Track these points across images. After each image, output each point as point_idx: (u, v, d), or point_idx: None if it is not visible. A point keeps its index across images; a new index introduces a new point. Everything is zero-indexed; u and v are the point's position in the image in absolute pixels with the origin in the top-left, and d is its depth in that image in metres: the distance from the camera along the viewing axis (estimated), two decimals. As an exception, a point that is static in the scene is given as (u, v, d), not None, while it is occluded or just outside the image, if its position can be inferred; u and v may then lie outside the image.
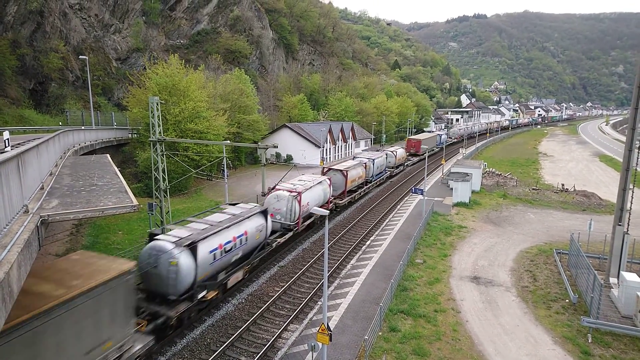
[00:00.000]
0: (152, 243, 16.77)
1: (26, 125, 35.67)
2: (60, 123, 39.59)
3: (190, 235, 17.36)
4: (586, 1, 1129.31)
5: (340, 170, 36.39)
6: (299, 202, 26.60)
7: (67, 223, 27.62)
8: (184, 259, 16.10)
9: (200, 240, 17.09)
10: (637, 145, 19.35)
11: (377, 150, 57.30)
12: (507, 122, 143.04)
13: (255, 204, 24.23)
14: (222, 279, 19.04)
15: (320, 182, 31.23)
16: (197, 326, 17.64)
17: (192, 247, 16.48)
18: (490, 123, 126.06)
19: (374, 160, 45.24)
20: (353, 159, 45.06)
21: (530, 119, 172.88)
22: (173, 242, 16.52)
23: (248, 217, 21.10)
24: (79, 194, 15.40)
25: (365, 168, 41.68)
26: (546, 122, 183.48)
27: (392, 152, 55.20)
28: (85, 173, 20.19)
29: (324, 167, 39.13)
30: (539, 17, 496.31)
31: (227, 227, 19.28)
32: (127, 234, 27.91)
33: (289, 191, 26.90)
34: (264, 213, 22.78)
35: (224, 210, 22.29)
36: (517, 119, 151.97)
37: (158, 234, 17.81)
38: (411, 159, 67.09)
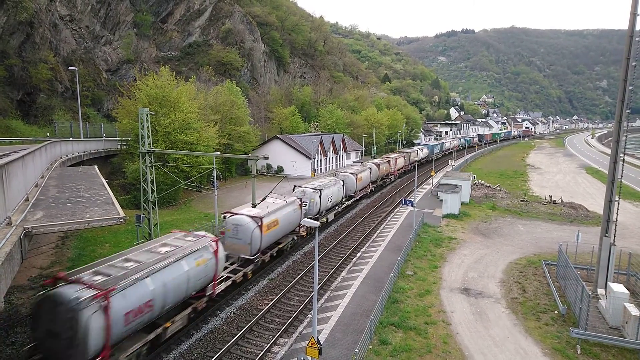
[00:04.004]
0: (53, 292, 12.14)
1: (13, 136, 35.19)
2: (48, 134, 39.16)
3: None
4: (570, 17, 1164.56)
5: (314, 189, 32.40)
6: (261, 228, 22.81)
7: (52, 235, 27.09)
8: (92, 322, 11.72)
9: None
10: (622, 158, 19.72)
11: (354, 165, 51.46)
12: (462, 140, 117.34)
13: (205, 234, 18.95)
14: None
15: (291, 202, 27.69)
16: (185, 340, 17.30)
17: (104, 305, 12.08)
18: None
19: (320, 191, 32.80)
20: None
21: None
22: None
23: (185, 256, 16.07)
24: (64, 205, 15.18)
25: (300, 208, 28.86)
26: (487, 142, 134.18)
27: (355, 174, 42.28)
28: (72, 184, 19.94)
29: (294, 186, 34.11)
30: (526, 33, 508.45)
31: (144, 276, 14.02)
32: (114, 246, 27.45)
33: (251, 217, 22.95)
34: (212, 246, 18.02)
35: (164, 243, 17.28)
36: (470, 139, 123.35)
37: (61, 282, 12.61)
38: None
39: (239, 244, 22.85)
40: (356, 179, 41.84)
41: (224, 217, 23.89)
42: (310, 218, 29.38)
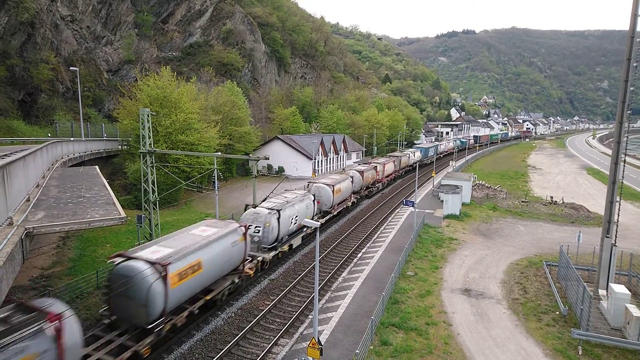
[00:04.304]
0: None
1: (14, 137, 35.23)
2: (49, 134, 39.18)
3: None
4: (571, 18, 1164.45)
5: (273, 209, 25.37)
6: (166, 280, 15.34)
7: (53, 235, 27.12)
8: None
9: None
10: (623, 159, 19.70)
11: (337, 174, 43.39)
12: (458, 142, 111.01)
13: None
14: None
15: (229, 232, 20.11)
16: (186, 341, 17.30)
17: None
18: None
19: (279, 211, 25.21)
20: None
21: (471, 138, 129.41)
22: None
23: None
24: (65, 206, 15.18)
25: (245, 238, 20.72)
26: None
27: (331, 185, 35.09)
28: (73, 185, 19.95)
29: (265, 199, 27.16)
30: (527, 33, 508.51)
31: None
32: (115, 246, 27.44)
33: (151, 262, 15.03)
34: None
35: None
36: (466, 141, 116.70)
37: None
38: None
39: (130, 307, 14.76)
40: (333, 191, 34.57)
41: (114, 263, 15.51)
42: (265, 248, 24.38)
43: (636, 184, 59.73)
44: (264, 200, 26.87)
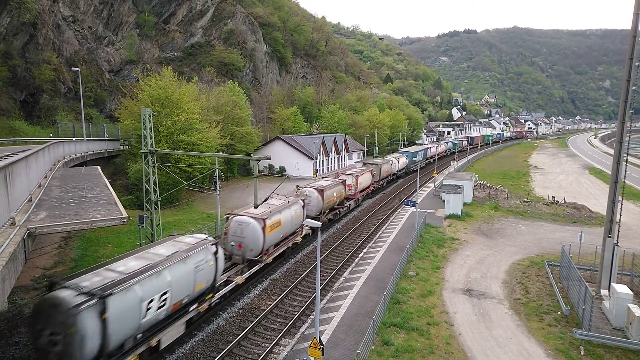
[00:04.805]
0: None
1: (16, 137, 35.32)
2: (51, 134, 39.28)
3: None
4: (573, 17, 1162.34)
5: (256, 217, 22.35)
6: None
7: (55, 235, 27.20)
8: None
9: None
10: (625, 158, 19.65)
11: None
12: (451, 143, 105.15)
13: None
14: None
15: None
16: (187, 341, 17.31)
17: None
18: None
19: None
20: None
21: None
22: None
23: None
24: (67, 206, 15.22)
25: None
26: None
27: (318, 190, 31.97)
28: (74, 185, 20.00)
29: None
30: (528, 33, 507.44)
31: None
32: (117, 246, 27.52)
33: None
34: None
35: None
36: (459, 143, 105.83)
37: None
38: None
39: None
40: (262, 228, 22.01)
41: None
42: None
43: (638, 183, 59.54)
44: (264, 201, 26.88)
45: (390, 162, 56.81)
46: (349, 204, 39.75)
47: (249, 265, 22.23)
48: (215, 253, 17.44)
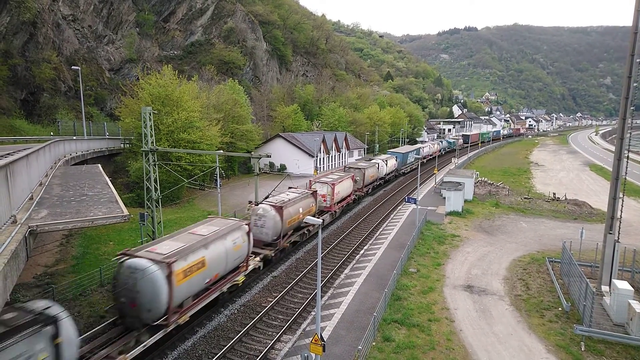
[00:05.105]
0: None
1: (17, 136, 35.36)
2: (52, 133, 39.30)
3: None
4: (574, 14, 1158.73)
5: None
6: None
7: (56, 233, 27.24)
8: None
9: None
10: (626, 155, 19.63)
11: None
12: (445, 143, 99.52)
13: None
14: None
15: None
16: (189, 337, 17.38)
17: None
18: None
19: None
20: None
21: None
22: None
23: None
24: (68, 204, 15.24)
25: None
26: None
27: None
28: (75, 183, 20.02)
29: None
30: (529, 30, 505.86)
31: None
32: (118, 244, 27.57)
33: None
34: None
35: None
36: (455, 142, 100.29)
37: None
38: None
39: None
40: (167, 276, 14.69)
41: None
42: None
43: (639, 180, 59.47)
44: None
45: (377, 165, 49.95)
46: (323, 219, 31.00)
47: (148, 332, 15.02)
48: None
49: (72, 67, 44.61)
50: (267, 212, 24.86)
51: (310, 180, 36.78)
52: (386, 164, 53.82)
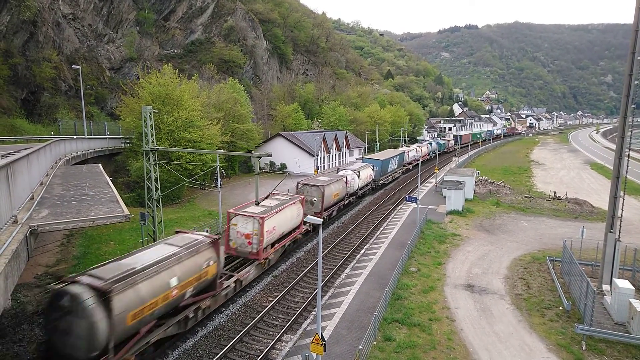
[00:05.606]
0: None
1: (17, 135, 35.38)
2: (52, 133, 39.31)
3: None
4: (575, 12, 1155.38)
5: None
6: None
7: (57, 233, 27.27)
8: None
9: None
10: (627, 153, 19.60)
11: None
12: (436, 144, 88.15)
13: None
14: None
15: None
16: (190, 337, 17.39)
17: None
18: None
19: None
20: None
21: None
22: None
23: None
24: (69, 203, 15.25)
25: None
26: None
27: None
28: (76, 183, 20.02)
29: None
30: (529, 28, 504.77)
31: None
32: (119, 244, 27.60)
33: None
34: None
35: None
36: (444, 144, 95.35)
37: None
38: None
39: None
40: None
41: None
42: None
43: (640, 178, 59.43)
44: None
45: (344, 178, 38.19)
46: (230, 285, 19.96)
47: None
48: None
49: (73, 66, 44.55)
50: (174, 261, 16.32)
51: (228, 212, 24.61)
52: (358, 176, 42.12)
